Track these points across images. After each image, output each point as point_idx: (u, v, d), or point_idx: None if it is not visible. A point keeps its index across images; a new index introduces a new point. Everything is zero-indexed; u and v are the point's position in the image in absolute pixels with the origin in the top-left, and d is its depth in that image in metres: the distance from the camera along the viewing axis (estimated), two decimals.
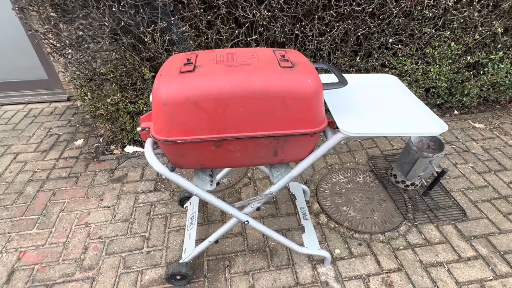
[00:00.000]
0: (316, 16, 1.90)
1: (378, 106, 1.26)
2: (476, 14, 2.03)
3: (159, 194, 2.13)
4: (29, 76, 3.16)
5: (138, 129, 1.16)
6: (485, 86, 2.55)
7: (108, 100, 2.17)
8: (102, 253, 1.75)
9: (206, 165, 1.20)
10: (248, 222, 1.37)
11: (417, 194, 2.06)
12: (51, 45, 1.98)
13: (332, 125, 1.23)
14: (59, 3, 1.72)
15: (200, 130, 1.05)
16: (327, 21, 1.94)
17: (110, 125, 2.37)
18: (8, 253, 1.76)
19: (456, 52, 2.22)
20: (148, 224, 1.91)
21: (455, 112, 2.87)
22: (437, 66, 2.29)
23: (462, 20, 2.07)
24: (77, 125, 2.89)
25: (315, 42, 2.02)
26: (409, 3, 1.88)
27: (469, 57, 2.28)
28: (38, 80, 3.19)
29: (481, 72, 2.44)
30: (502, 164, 2.28)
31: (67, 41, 1.92)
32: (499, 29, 2.14)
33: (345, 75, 1.46)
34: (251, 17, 1.83)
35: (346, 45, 2.10)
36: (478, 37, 2.16)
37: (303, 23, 1.93)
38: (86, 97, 2.17)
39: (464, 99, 2.66)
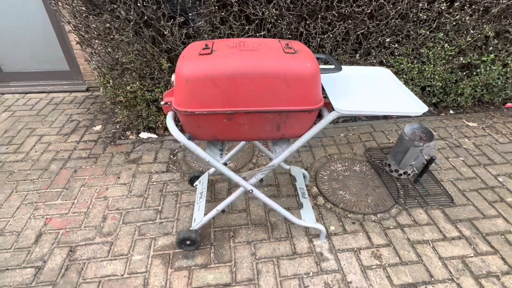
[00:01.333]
0: (319, 16, 2.10)
1: (369, 91, 1.44)
2: (467, 18, 2.21)
3: (170, 175, 2.32)
4: (53, 67, 3.41)
5: (162, 103, 1.35)
6: (479, 87, 2.71)
7: (128, 88, 2.38)
8: (119, 222, 1.94)
9: (218, 136, 1.39)
10: (252, 191, 1.55)
11: (409, 182, 2.22)
12: (80, 36, 2.20)
13: (328, 107, 1.41)
14: None
15: (215, 104, 1.24)
16: (329, 21, 2.13)
17: (127, 112, 2.58)
18: (35, 219, 1.96)
19: (449, 53, 2.39)
20: (161, 200, 2.10)
21: (451, 111, 3.03)
22: (432, 65, 2.46)
23: (454, 23, 2.25)
24: (96, 113, 3.11)
25: (318, 39, 2.21)
26: (405, 6, 2.06)
27: (461, 58, 2.45)
28: (60, 71, 3.43)
29: (474, 73, 2.61)
30: (492, 159, 2.43)
31: (95, 33, 2.14)
32: (490, 32, 2.31)
33: (343, 66, 1.65)
34: (260, 14, 2.03)
35: (347, 43, 2.29)
36: (470, 39, 2.33)
37: (308, 22, 2.13)
38: (108, 84, 2.38)
39: (459, 99, 2.82)
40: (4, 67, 3.38)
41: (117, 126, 2.88)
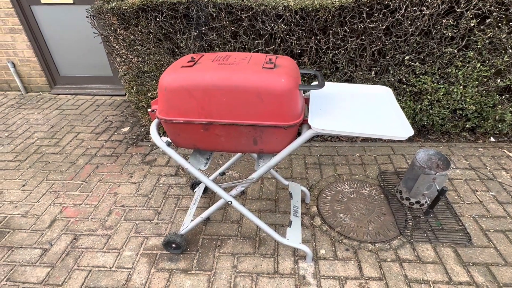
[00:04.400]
0: (331, 31, 2.05)
1: (357, 111, 1.37)
2: (504, 36, 1.96)
3: (177, 179, 2.43)
4: (99, 73, 3.83)
5: (149, 110, 1.45)
6: None
7: (149, 95, 2.58)
8: (121, 218, 2.09)
9: (197, 145, 1.43)
10: (231, 202, 1.55)
11: (421, 213, 2.01)
12: (111, 46, 2.46)
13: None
14: (119, 13, 2.17)
15: (190, 114, 1.29)
16: (341, 36, 2.07)
17: (149, 117, 2.77)
18: (55, 206, 2.20)
19: (483, 74, 2.14)
20: (163, 201, 2.21)
21: (491, 139, 2.68)
22: (461, 87, 2.22)
23: (488, 42, 2.02)
24: (127, 116, 3.40)
25: (330, 55, 2.16)
26: (426, 22, 1.92)
27: (499, 80, 2.18)
28: (105, 77, 3.84)
29: None
30: None
31: (122, 43, 2.37)
32: None
33: (344, 83, 1.59)
34: (270, 29, 2.06)
35: (362, 60, 2.19)
36: (508, 59, 2.06)
37: (319, 37, 2.09)
38: (132, 91, 2.60)
39: (500, 126, 2.49)
40: (61, 71, 3.90)
41: (142, 129, 3.11)
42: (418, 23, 1.95)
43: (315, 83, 1.61)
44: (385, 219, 2.00)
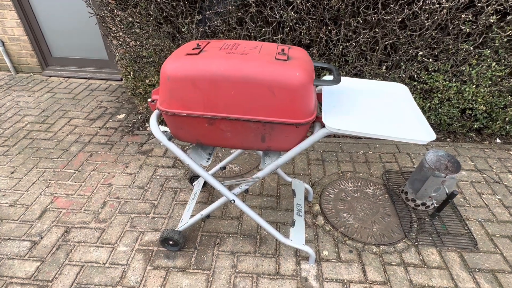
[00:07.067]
0: (343, 22, 1.94)
1: (374, 109, 1.28)
2: None
3: (175, 171, 2.33)
4: (94, 55, 3.65)
5: (149, 100, 1.33)
6: None
7: (147, 81, 2.44)
8: (116, 210, 1.99)
9: (201, 140, 1.33)
10: (234, 201, 1.47)
11: (427, 216, 1.96)
12: (107, 28, 2.31)
13: (322, 122, 1.28)
14: None
15: (195, 106, 1.19)
16: (354, 27, 1.96)
17: (146, 104, 2.65)
18: (45, 195, 2.10)
19: (497, 74, 2.06)
20: (159, 194, 2.12)
21: (498, 140, 2.63)
22: (474, 86, 2.14)
23: (506, 40, 1.93)
24: (123, 102, 3.26)
25: (341, 47, 2.05)
26: (444, 16, 1.81)
27: None
28: (100, 60, 3.67)
29: None
30: None
31: (120, 26, 2.22)
32: None
33: (356, 79, 1.49)
34: (278, 17, 1.94)
35: (373, 54, 2.08)
36: None
37: (329, 28, 1.98)
38: (129, 76, 2.47)
39: (508, 127, 2.43)
40: (53, 52, 3.70)
41: (139, 117, 2.99)
42: (436, 17, 1.84)
43: (328, 77, 1.51)
44: (390, 220, 1.94)
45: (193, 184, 2.13)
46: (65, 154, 2.49)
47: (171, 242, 1.70)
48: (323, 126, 1.27)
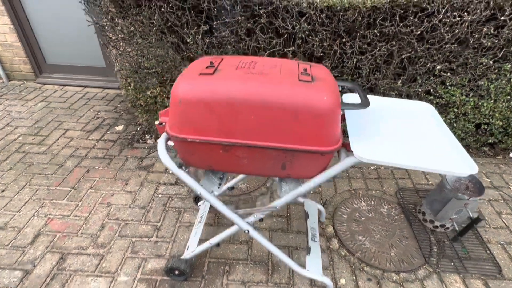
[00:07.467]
0: (358, 34, 1.84)
1: (403, 134, 1.17)
2: None
3: (178, 188, 2.20)
4: (90, 63, 3.51)
5: (156, 122, 1.21)
6: None
7: (148, 93, 2.32)
8: (115, 234, 1.85)
9: (213, 167, 1.21)
10: (248, 231, 1.35)
11: (446, 238, 1.86)
12: (107, 37, 2.18)
13: (349, 148, 1.17)
14: (117, 0, 1.89)
15: (209, 132, 1.07)
16: (369, 40, 1.86)
17: (147, 116, 2.52)
18: (39, 217, 1.95)
19: None
20: (162, 215, 1.98)
21: (511, 155, 2.55)
22: (492, 101, 2.06)
23: None
24: (121, 112, 3.12)
25: (355, 60, 1.95)
26: (464, 29, 1.72)
27: None
28: (97, 67, 3.52)
29: None
30: None
31: (120, 35, 2.09)
32: None
33: (376, 97, 1.38)
34: (290, 28, 1.83)
35: (389, 67, 1.99)
36: None
37: (344, 40, 1.88)
38: (129, 87, 2.34)
39: None
40: (48, 59, 3.55)
41: (138, 129, 2.85)
42: (456, 30, 1.75)
43: (350, 95, 1.40)
44: (408, 243, 1.84)
45: (198, 204, 2.00)
46: (60, 169, 2.34)
47: (177, 272, 1.56)
48: (348, 150, 1.16)
